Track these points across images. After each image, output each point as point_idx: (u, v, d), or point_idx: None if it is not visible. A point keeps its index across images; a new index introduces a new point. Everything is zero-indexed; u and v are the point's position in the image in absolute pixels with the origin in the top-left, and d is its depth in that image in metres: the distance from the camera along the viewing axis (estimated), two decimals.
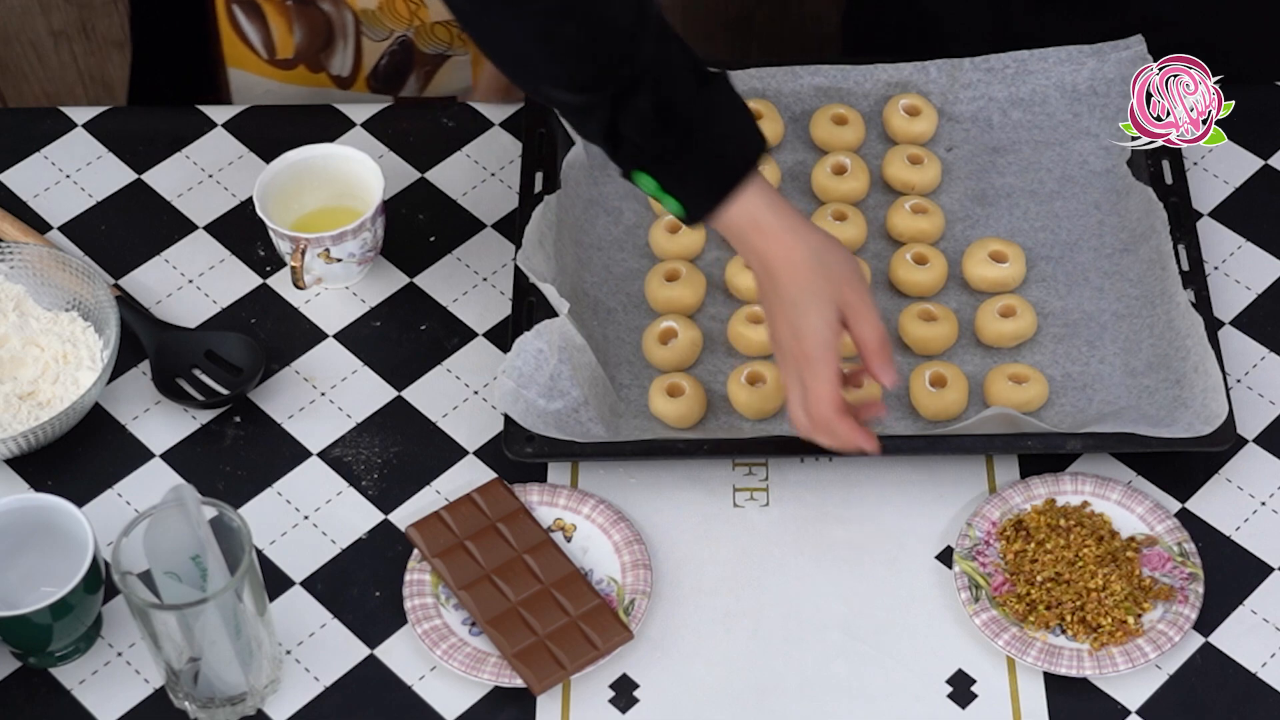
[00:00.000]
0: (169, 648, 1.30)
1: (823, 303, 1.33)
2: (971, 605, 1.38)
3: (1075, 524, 1.41)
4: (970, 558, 1.40)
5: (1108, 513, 1.42)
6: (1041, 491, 1.43)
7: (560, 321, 1.46)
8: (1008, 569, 1.39)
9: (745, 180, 1.34)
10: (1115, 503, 1.43)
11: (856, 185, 1.61)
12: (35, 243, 1.57)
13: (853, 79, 1.67)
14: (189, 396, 1.51)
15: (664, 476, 1.47)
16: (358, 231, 1.53)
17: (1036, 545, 1.40)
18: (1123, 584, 1.37)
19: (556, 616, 1.37)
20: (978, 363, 1.51)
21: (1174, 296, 1.49)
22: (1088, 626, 1.36)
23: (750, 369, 1.48)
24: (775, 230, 1.34)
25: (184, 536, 1.28)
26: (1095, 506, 1.43)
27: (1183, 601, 1.38)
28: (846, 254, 1.36)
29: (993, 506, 1.42)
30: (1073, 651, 1.36)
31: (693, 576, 1.42)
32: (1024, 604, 1.37)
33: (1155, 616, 1.37)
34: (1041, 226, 1.59)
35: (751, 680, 1.37)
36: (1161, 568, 1.40)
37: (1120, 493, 1.43)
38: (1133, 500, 1.43)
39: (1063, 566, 1.38)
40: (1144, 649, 1.35)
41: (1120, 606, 1.37)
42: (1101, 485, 1.43)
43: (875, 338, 1.34)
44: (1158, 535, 1.41)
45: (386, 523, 1.45)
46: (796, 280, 1.33)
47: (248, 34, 1.74)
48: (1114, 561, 1.39)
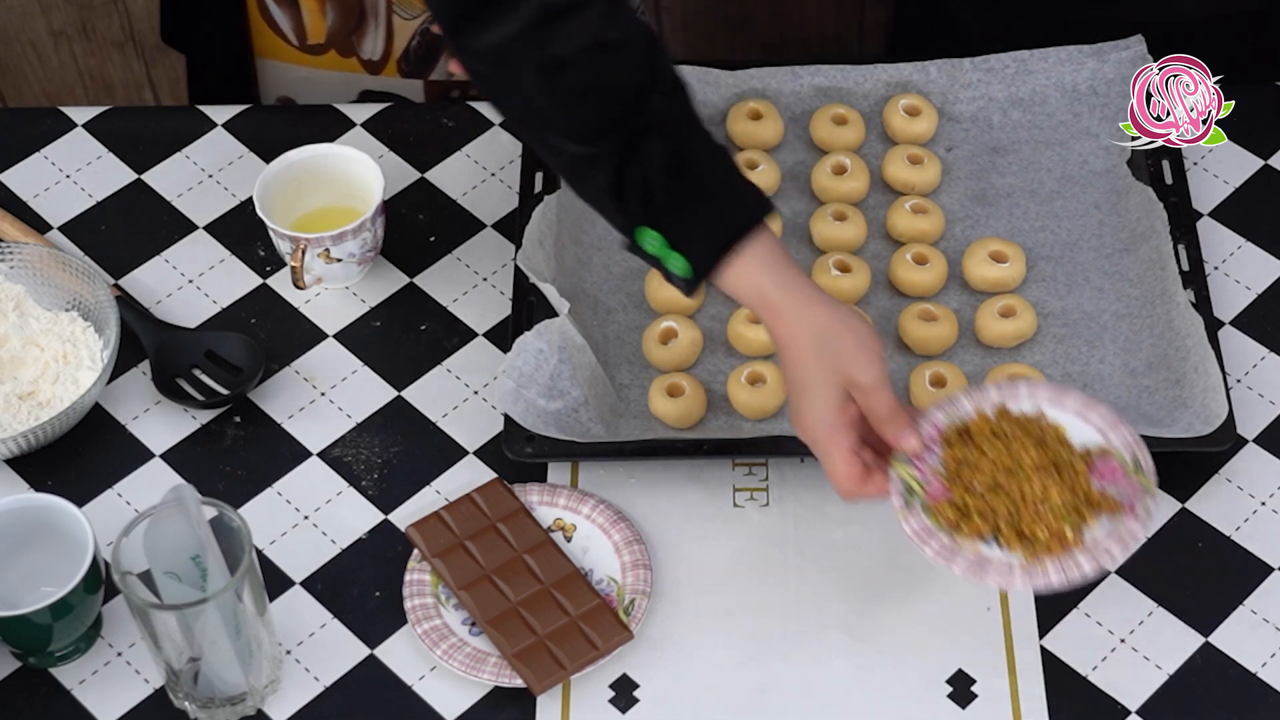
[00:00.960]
0: (169, 648, 1.30)
1: (823, 387, 1.30)
2: (902, 512, 1.31)
3: (1023, 431, 1.33)
4: (909, 463, 1.32)
5: (1063, 422, 1.34)
6: (995, 398, 1.35)
7: (560, 321, 1.46)
8: (947, 476, 1.32)
9: (754, 234, 1.30)
10: (1071, 412, 1.35)
11: (856, 185, 1.61)
12: (35, 243, 1.57)
13: (853, 79, 1.67)
14: (189, 396, 1.51)
15: (664, 476, 1.47)
16: (358, 231, 1.53)
17: (978, 452, 1.32)
18: (1064, 494, 1.29)
19: (556, 616, 1.37)
20: (978, 363, 1.51)
21: (1174, 296, 1.49)
22: (1022, 537, 1.29)
23: (750, 369, 1.48)
24: (780, 310, 1.31)
25: (184, 536, 1.28)
26: (1051, 415, 1.34)
27: (1130, 515, 1.29)
28: (855, 330, 1.31)
29: (939, 410, 1.35)
30: (1003, 563, 1.28)
31: (693, 576, 1.42)
32: (957, 512, 1.30)
33: (1100, 532, 1.29)
34: (1041, 226, 1.60)
35: (751, 680, 1.37)
36: (1113, 480, 1.32)
37: (1078, 401, 1.35)
38: (1090, 409, 1.34)
39: (1001, 474, 1.31)
40: (1080, 563, 1.28)
41: (1060, 518, 1.29)
42: (1057, 393, 1.35)
43: (884, 411, 1.31)
44: (1113, 447, 1.33)
45: (386, 523, 1.45)
46: (799, 362, 1.31)
47: (278, 21, 1.75)
48: (1057, 470, 1.30)
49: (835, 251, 1.56)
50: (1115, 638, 1.39)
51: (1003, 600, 1.40)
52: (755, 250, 1.30)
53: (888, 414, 1.31)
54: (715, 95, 1.67)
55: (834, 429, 1.30)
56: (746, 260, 1.30)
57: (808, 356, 1.30)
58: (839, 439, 1.31)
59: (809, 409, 1.31)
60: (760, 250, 1.31)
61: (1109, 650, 1.38)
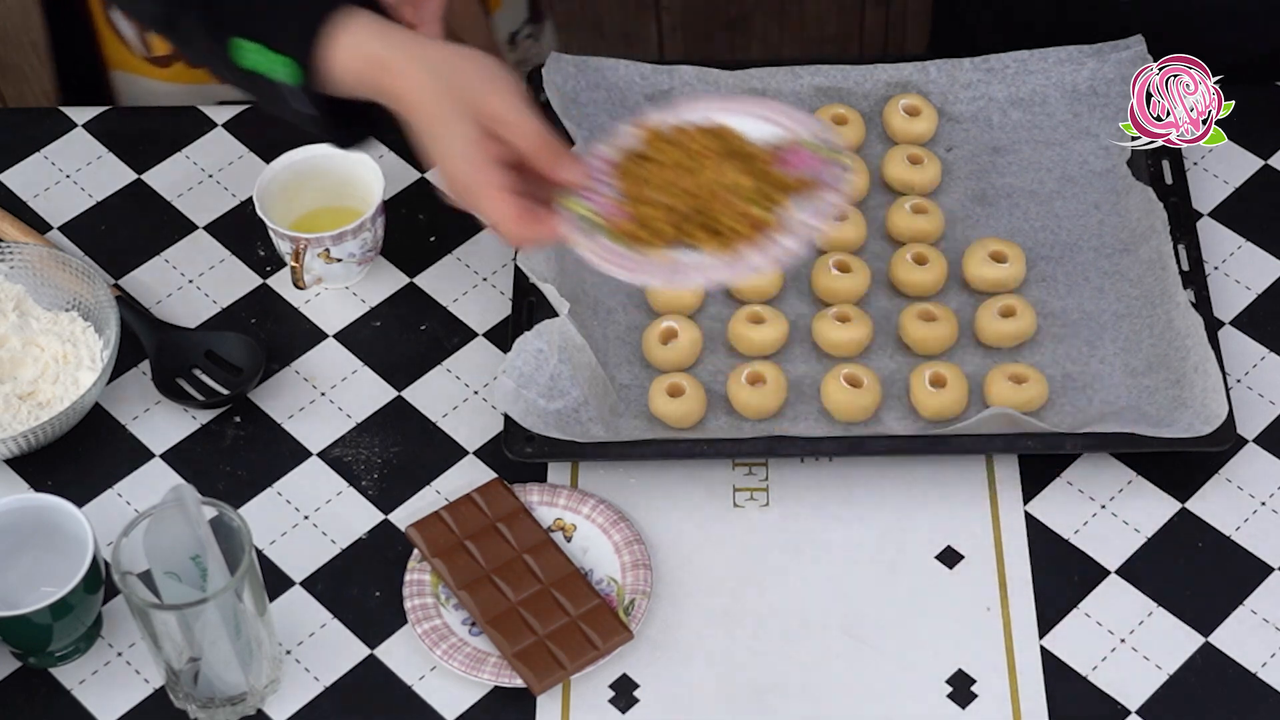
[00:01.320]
0: (169, 648, 1.30)
1: (455, 122, 1.21)
2: (585, 243, 1.23)
3: (697, 131, 1.27)
4: (580, 198, 1.25)
5: (738, 125, 1.28)
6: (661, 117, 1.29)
7: (560, 321, 1.46)
8: (626, 199, 1.25)
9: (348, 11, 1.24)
10: (745, 114, 1.29)
11: (856, 185, 1.60)
12: (35, 243, 1.57)
13: (853, 79, 1.67)
14: (189, 396, 1.51)
15: (664, 476, 1.47)
16: (358, 231, 1.53)
17: (654, 164, 1.26)
18: (752, 180, 1.23)
19: (556, 616, 1.37)
20: (978, 363, 1.52)
21: (1174, 296, 1.49)
22: (714, 233, 1.23)
23: (750, 369, 1.48)
24: (396, 63, 1.22)
25: (184, 536, 1.28)
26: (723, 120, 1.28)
27: (830, 189, 1.24)
28: (481, 63, 1.22)
29: (602, 143, 1.29)
30: (700, 263, 1.23)
31: (693, 576, 1.42)
32: (641, 226, 1.24)
33: (796, 209, 1.24)
34: (1041, 226, 1.60)
35: (751, 680, 1.37)
36: (803, 164, 1.26)
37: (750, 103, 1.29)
38: (762, 106, 1.29)
39: (683, 176, 1.24)
40: (782, 242, 1.22)
41: (749, 200, 1.23)
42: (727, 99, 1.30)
43: (536, 141, 1.22)
44: (797, 135, 1.26)
45: (386, 523, 1.45)
46: (424, 106, 1.22)
47: (123, 30, 1.70)
48: (742, 159, 1.25)
49: (835, 251, 1.56)
50: (1115, 638, 1.39)
51: (1003, 600, 1.40)
52: (354, 24, 1.24)
53: (541, 145, 1.22)
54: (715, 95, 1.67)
55: (478, 166, 1.21)
56: (349, 34, 1.24)
57: (431, 97, 1.21)
58: (488, 176, 1.21)
59: (447, 152, 1.21)
60: (360, 22, 1.24)
61: (1109, 650, 1.38)
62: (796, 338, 1.53)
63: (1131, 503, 1.45)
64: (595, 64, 1.66)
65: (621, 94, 1.66)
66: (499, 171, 1.21)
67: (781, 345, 1.52)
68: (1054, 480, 1.46)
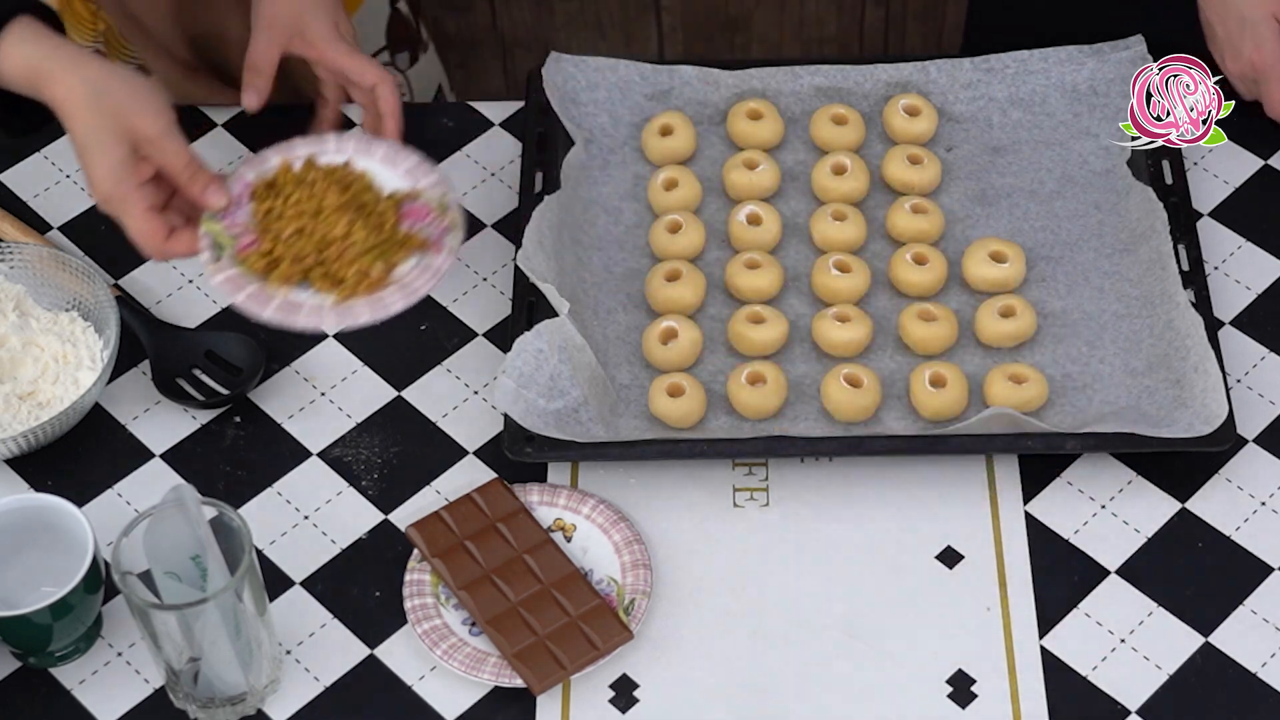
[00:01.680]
0: (169, 648, 1.30)
1: (105, 141, 1.29)
2: (211, 265, 1.35)
3: (325, 178, 1.39)
4: (218, 219, 1.37)
5: (371, 170, 1.41)
6: (303, 152, 1.41)
7: (560, 321, 1.46)
8: (257, 227, 1.37)
9: (14, 23, 1.31)
10: (379, 160, 1.42)
11: (856, 185, 1.61)
12: (35, 243, 1.57)
13: (853, 79, 1.67)
14: (189, 396, 1.51)
15: (664, 476, 1.47)
16: None
17: (284, 201, 1.37)
18: (369, 234, 1.36)
19: (556, 616, 1.37)
20: (978, 363, 1.52)
21: (1174, 296, 1.49)
22: (332, 279, 1.35)
23: (750, 369, 1.48)
24: (52, 74, 1.30)
25: (184, 536, 1.28)
26: (360, 165, 1.41)
27: (437, 251, 1.37)
28: (132, 83, 1.31)
29: (249, 167, 1.40)
30: (314, 306, 1.35)
31: (693, 576, 1.42)
32: (267, 260, 1.36)
33: (407, 268, 1.37)
34: (1041, 226, 1.60)
35: (751, 680, 1.37)
36: (422, 220, 1.39)
37: (385, 151, 1.42)
38: (399, 157, 1.42)
39: (306, 219, 1.36)
40: (390, 299, 1.35)
41: (364, 256, 1.36)
42: (365, 144, 1.42)
43: (180, 163, 1.32)
44: (421, 190, 1.40)
45: (386, 523, 1.45)
46: (77, 119, 1.29)
47: None
48: (361, 212, 1.37)
49: (835, 251, 1.56)
50: (1115, 638, 1.39)
51: (1003, 600, 1.40)
52: (24, 33, 1.32)
53: (185, 169, 1.32)
54: (715, 95, 1.67)
55: (122, 183, 1.30)
56: (16, 42, 1.31)
57: (85, 111, 1.29)
58: (132, 196, 1.30)
59: (96, 165, 1.30)
60: (24, 33, 1.32)
61: (1109, 650, 1.38)
62: (796, 338, 1.53)
63: (1131, 503, 1.45)
64: (595, 64, 1.66)
65: (621, 94, 1.66)
66: (140, 190, 1.31)
67: (781, 345, 1.52)
68: (1054, 480, 1.46)
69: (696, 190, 1.60)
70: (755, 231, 1.57)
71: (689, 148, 1.63)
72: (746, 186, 1.61)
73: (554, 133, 1.63)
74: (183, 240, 1.33)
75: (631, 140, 1.65)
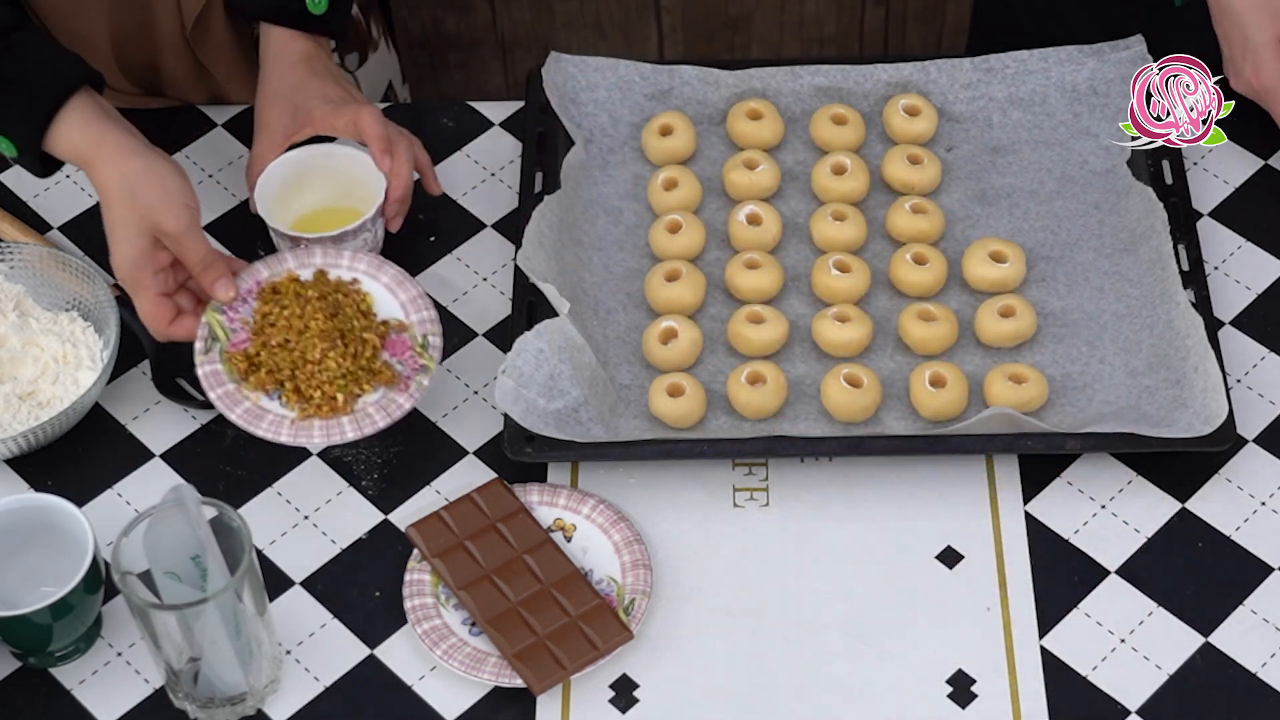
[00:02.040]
0: (169, 648, 1.30)
1: (129, 232, 1.42)
2: (201, 356, 1.44)
3: (321, 297, 1.46)
4: (222, 311, 1.45)
5: (375, 294, 1.48)
6: (318, 262, 1.49)
7: (560, 321, 1.46)
8: (252, 328, 1.45)
9: (65, 108, 1.43)
10: (384, 285, 1.48)
11: (856, 185, 1.61)
12: (35, 243, 1.57)
13: (853, 79, 1.67)
14: (189, 396, 1.51)
15: (664, 476, 1.47)
16: (358, 232, 1.53)
17: (279, 310, 1.45)
18: (343, 362, 1.43)
19: (556, 616, 1.37)
20: (977, 363, 1.52)
21: (1174, 296, 1.49)
22: (300, 395, 1.42)
23: (750, 369, 1.48)
24: (95, 163, 1.43)
25: (184, 536, 1.28)
26: (366, 286, 1.48)
27: (402, 390, 1.43)
28: (164, 181, 1.43)
29: (265, 265, 1.48)
30: (278, 417, 1.42)
31: (693, 576, 1.42)
32: (248, 362, 1.43)
33: (371, 400, 1.43)
34: (1041, 226, 1.60)
35: (751, 680, 1.37)
36: (400, 355, 1.45)
37: (392, 275, 1.49)
38: (400, 286, 1.48)
39: (293, 334, 1.44)
40: (343, 426, 1.41)
41: (334, 383, 1.42)
42: (377, 267, 1.49)
43: (195, 258, 1.44)
44: (410, 324, 1.47)
45: (386, 523, 1.45)
46: (111, 208, 1.43)
47: None
48: (342, 339, 1.44)
49: (835, 251, 1.56)
50: (1115, 638, 1.39)
51: (1003, 600, 1.40)
52: (71, 115, 1.44)
53: (199, 261, 1.44)
54: (715, 95, 1.67)
55: (139, 270, 1.43)
56: (63, 125, 1.44)
57: (117, 203, 1.42)
58: (145, 281, 1.43)
59: (118, 252, 1.43)
60: (76, 115, 1.44)
61: (1109, 650, 1.38)
62: (796, 338, 1.53)
63: (1131, 503, 1.45)
64: (595, 64, 1.66)
65: (621, 94, 1.66)
66: (155, 277, 1.44)
67: (781, 345, 1.52)
68: (1054, 480, 1.47)
69: (696, 190, 1.60)
70: (755, 231, 1.57)
71: (689, 148, 1.63)
72: (746, 186, 1.61)
73: (554, 133, 1.63)
74: (184, 326, 1.45)
75: (632, 140, 1.65)
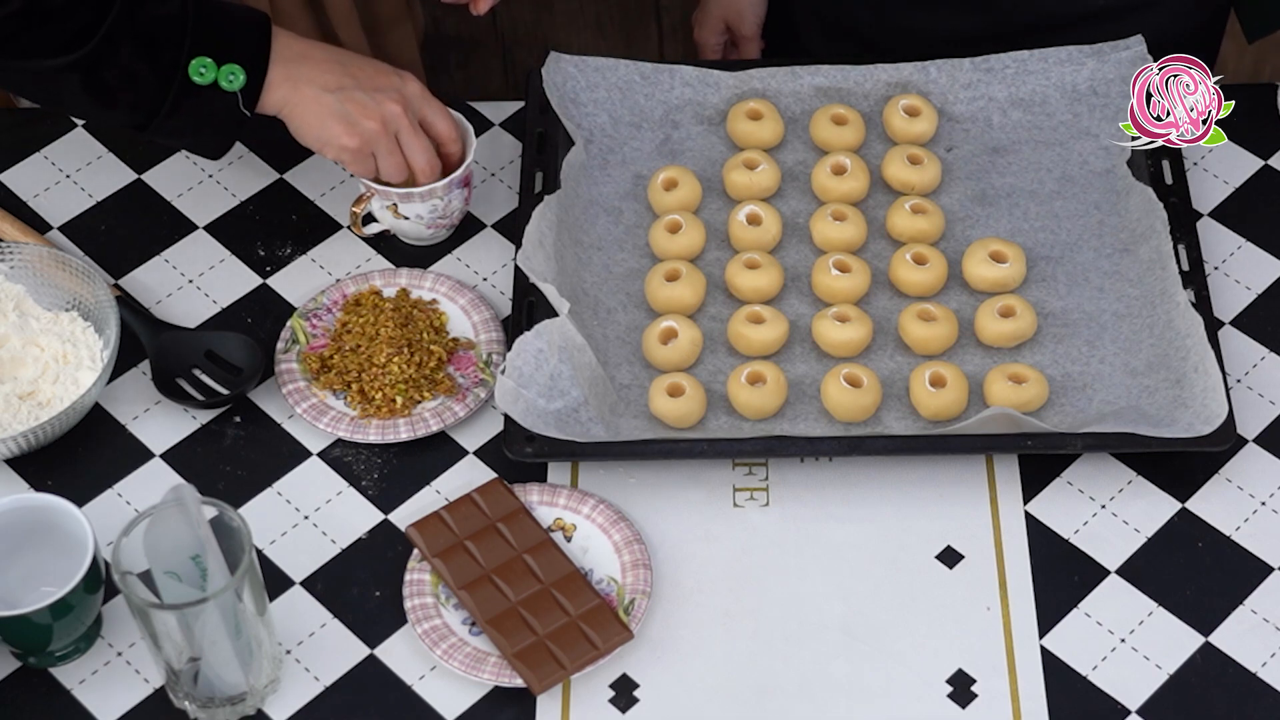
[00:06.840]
0: (169, 648, 1.30)
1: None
2: (280, 355, 1.52)
3: (395, 309, 1.54)
4: (307, 317, 1.54)
5: (451, 314, 1.56)
6: (404, 281, 1.57)
7: (560, 321, 1.46)
8: (332, 334, 1.53)
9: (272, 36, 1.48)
10: (461, 307, 1.56)
11: (856, 185, 1.61)
12: (35, 243, 1.57)
13: (853, 79, 1.67)
14: (189, 396, 1.51)
15: (664, 476, 1.47)
16: (426, 197, 1.54)
17: (357, 318, 1.53)
18: (406, 368, 1.50)
19: (556, 616, 1.37)
20: (977, 363, 1.52)
21: (1174, 296, 1.49)
22: (364, 396, 1.49)
23: (750, 369, 1.48)
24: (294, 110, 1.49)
25: (184, 536, 1.28)
26: (443, 306, 1.56)
27: (460, 400, 1.49)
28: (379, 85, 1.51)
29: (354, 281, 1.57)
30: (339, 413, 1.49)
31: (693, 576, 1.42)
32: (320, 363, 1.51)
33: (430, 405, 1.50)
34: (1041, 226, 1.60)
35: (751, 680, 1.37)
36: (464, 369, 1.52)
37: (469, 299, 1.56)
38: (475, 309, 1.55)
39: (364, 340, 1.51)
40: (398, 426, 1.48)
41: (395, 386, 1.49)
42: (456, 289, 1.56)
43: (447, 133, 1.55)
44: (479, 344, 1.53)
45: (386, 523, 1.45)
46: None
47: None
48: (409, 347, 1.51)
49: (835, 251, 1.56)
50: (1115, 638, 1.39)
51: (1003, 600, 1.40)
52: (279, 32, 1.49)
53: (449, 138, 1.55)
54: (715, 95, 1.67)
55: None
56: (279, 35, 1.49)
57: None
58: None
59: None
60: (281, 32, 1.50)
61: (1109, 650, 1.38)
62: (796, 338, 1.53)
63: (1131, 503, 1.45)
64: (595, 64, 1.66)
65: (621, 94, 1.66)
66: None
67: (781, 345, 1.52)
68: (1054, 480, 1.47)
69: (696, 190, 1.60)
70: (755, 231, 1.57)
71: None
72: (746, 186, 1.61)
73: (554, 133, 1.63)
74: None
75: (632, 140, 1.65)
